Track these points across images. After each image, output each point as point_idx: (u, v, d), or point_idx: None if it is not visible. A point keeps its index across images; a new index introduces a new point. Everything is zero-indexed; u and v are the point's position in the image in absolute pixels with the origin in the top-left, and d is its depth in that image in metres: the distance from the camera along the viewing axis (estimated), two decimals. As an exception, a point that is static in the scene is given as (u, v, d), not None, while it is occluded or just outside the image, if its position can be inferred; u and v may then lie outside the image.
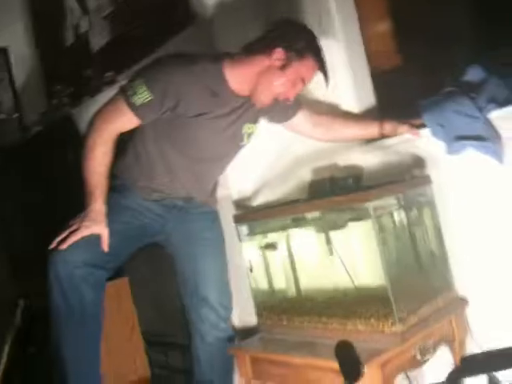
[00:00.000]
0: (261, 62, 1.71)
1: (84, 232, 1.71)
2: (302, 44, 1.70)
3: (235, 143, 1.91)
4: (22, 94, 3.47)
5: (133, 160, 1.89)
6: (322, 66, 1.74)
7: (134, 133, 1.85)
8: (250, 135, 1.93)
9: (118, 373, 2.17)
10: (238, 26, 2.19)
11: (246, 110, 1.84)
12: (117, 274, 2.28)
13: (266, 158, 2.28)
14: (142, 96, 1.67)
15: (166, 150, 1.84)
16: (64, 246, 1.70)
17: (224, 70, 1.74)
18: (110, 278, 1.93)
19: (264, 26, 1.85)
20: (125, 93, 1.69)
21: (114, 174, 1.84)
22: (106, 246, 1.75)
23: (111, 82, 2.63)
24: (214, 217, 2.07)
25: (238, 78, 1.75)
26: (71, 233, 1.72)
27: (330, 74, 1.78)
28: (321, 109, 2.06)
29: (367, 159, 2.03)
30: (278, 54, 1.68)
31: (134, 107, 1.69)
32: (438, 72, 2.08)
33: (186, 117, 1.75)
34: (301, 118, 1.98)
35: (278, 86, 1.71)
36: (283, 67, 1.69)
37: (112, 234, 1.76)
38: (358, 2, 2.09)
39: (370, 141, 2.01)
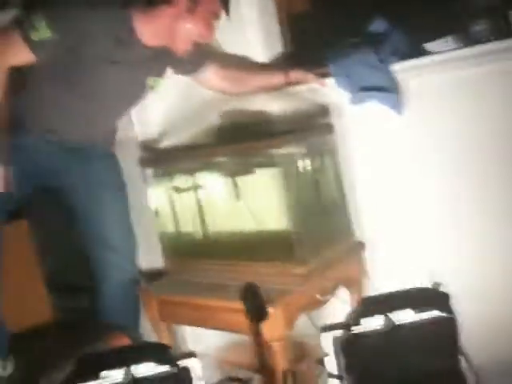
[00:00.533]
0: (167, 12, 1.69)
1: None
2: None
3: (136, 93, 1.90)
4: None
5: (28, 98, 1.82)
6: None
7: (29, 69, 1.76)
8: (153, 88, 1.92)
9: (20, 318, 2.13)
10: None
11: (152, 61, 1.82)
12: (16, 216, 2.21)
13: (172, 99, 2.23)
14: (41, 32, 1.60)
15: (61, 90, 1.78)
16: None
17: (132, 18, 1.71)
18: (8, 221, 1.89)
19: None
20: (22, 26, 1.60)
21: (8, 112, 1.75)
22: (1, 187, 1.69)
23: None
24: (113, 160, 2.04)
25: (149, 30, 1.73)
26: None
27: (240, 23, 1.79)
28: (228, 61, 2.06)
29: (274, 106, 2.06)
30: None
31: (31, 43, 1.61)
32: (349, 19, 2.13)
33: (87, 59, 1.70)
34: (208, 72, 1.97)
35: (193, 28, 1.69)
36: (190, 9, 1.67)
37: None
38: None
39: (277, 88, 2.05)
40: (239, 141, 1.88)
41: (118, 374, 1.12)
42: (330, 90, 1.90)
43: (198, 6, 1.67)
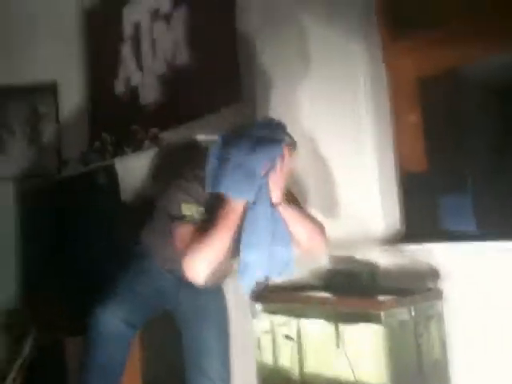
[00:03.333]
0: None
1: None
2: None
3: None
4: (64, 130, 3.64)
5: (151, 231, 2.07)
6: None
7: (155, 206, 2.02)
8: None
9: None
10: (281, 109, 2.36)
11: None
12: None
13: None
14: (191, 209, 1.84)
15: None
16: None
17: None
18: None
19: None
20: (184, 219, 1.83)
21: (139, 240, 2.03)
22: None
23: (154, 138, 2.78)
24: (220, 293, 2.19)
25: None
26: None
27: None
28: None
29: (384, 258, 2.14)
30: None
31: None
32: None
33: None
34: None
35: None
36: None
37: (141, 294, 1.93)
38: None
39: (390, 241, 2.14)
40: (345, 289, 1.97)
41: None
42: (441, 253, 1.96)
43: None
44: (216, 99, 2.55)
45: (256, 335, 2.17)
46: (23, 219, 3.41)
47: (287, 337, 2.08)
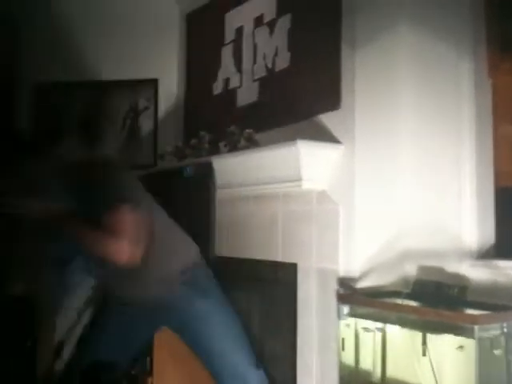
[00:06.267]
0: None
1: None
2: None
3: None
4: (161, 125, 3.84)
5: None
6: None
7: None
8: None
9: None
10: (380, 118, 2.41)
11: None
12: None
13: (376, 244, 2.43)
14: None
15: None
16: None
17: None
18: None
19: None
20: None
21: None
22: None
23: (249, 139, 2.88)
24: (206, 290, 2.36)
25: None
26: None
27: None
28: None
29: (475, 273, 2.15)
30: None
31: None
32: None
33: None
34: None
35: None
36: None
37: None
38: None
39: (482, 256, 2.14)
40: (433, 300, 2.00)
41: None
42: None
43: None
44: (314, 105, 2.61)
45: (340, 336, 2.23)
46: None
47: (366, 329, 2.15)
